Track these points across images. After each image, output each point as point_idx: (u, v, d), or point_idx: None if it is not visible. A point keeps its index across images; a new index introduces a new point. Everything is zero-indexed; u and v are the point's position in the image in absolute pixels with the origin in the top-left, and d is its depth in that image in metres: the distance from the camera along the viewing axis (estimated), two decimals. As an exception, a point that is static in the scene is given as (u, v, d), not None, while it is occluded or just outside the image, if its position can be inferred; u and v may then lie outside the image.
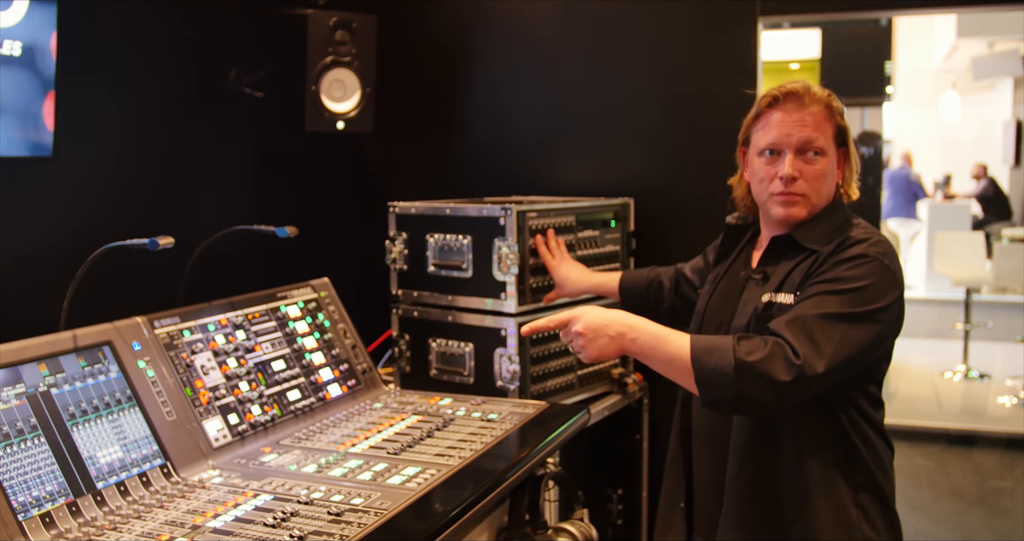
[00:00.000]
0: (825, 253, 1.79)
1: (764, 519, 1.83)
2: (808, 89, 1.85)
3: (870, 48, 7.60)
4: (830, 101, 1.85)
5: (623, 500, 2.89)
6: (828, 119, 1.84)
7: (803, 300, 1.74)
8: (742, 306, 1.89)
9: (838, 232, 1.82)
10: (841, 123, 1.86)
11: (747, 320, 1.84)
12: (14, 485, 1.49)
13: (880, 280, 1.73)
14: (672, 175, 2.87)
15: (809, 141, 1.82)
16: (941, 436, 5.70)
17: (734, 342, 1.67)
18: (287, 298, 2.25)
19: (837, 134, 1.86)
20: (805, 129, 1.82)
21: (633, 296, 2.41)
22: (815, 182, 1.84)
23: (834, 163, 1.87)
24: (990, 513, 4.55)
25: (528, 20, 3.06)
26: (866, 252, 1.74)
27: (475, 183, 3.00)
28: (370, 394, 2.28)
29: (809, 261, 1.81)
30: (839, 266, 1.74)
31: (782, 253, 1.88)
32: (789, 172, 1.82)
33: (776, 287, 1.83)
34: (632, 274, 2.46)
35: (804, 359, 1.62)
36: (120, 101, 2.49)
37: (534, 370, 2.44)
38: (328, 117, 2.77)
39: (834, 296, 1.70)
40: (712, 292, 2.03)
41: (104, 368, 1.75)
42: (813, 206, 1.86)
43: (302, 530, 1.47)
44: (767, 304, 1.82)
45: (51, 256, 2.20)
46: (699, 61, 2.86)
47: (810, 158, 1.83)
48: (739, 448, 1.86)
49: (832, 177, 1.87)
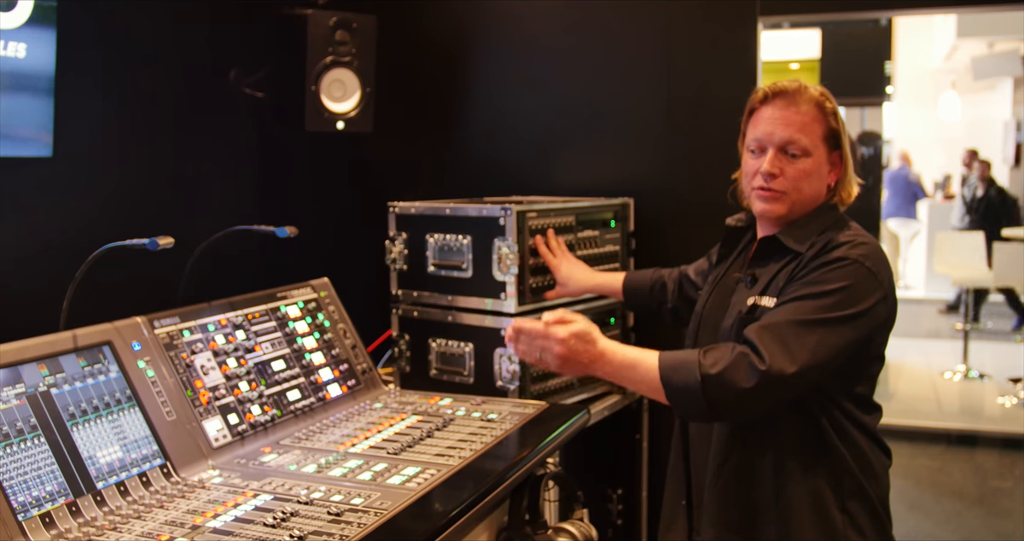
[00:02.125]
0: (808, 256, 1.78)
1: (740, 518, 1.83)
2: (801, 88, 1.85)
3: (870, 48, 7.60)
4: (822, 102, 1.84)
5: (623, 500, 2.89)
6: (817, 120, 1.83)
7: (781, 304, 1.74)
8: (731, 308, 1.90)
9: (824, 235, 1.82)
10: (833, 125, 1.84)
11: (732, 322, 1.85)
12: (14, 485, 1.49)
13: (859, 282, 1.72)
14: (672, 175, 2.87)
15: (791, 141, 1.83)
16: (941, 436, 5.70)
17: (699, 355, 1.69)
18: (287, 298, 2.25)
19: (828, 136, 1.84)
20: (789, 128, 1.83)
21: (637, 296, 2.41)
22: (796, 181, 1.84)
23: (822, 164, 1.85)
24: (990, 513, 4.55)
25: (528, 20, 3.06)
26: (846, 255, 1.74)
27: (475, 183, 3.00)
28: (370, 394, 2.28)
29: (793, 264, 1.81)
30: (818, 270, 1.74)
31: (769, 255, 1.88)
32: (767, 168, 1.84)
33: (762, 290, 1.83)
34: (636, 274, 2.46)
35: (770, 363, 1.64)
36: (120, 101, 2.49)
37: (534, 370, 2.44)
38: (328, 117, 2.77)
39: (811, 300, 1.71)
40: (710, 294, 2.03)
41: (104, 368, 1.75)
42: (793, 204, 1.86)
43: (302, 530, 1.47)
44: (751, 307, 1.82)
45: (51, 256, 2.20)
46: (699, 61, 2.86)
47: (792, 157, 1.84)
48: (719, 447, 1.87)
49: (818, 178, 1.86)
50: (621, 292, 2.44)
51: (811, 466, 1.78)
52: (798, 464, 1.78)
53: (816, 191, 1.87)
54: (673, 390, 1.70)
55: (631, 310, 2.68)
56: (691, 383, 1.67)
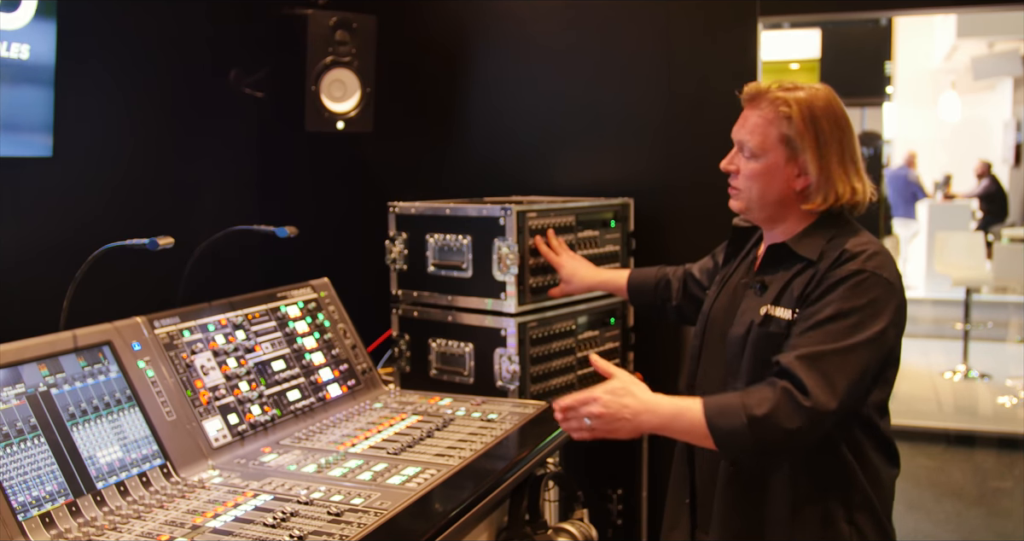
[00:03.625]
0: (822, 270, 1.76)
1: (749, 528, 1.83)
2: (761, 91, 1.84)
3: (870, 48, 7.61)
4: (780, 105, 1.80)
5: (623, 500, 2.89)
6: (772, 123, 1.80)
7: (808, 330, 1.72)
8: (740, 315, 1.88)
9: (832, 242, 1.80)
10: (786, 131, 1.79)
11: (745, 331, 1.83)
12: (14, 485, 1.49)
13: (880, 295, 1.72)
14: (672, 175, 2.87)
15: (741, 141, 1.85)
16: (941, 436, 5.70)
17: (743, 397, 1.68)
18: (287, 298, 2.25)
19: (785, 140, 1.80)
20: (742, 129, 1.85)
21: (641, 294, 2.40)
22: (746, 181, 1.85)
23: (777, 167, 1.81)
24: (990, 513, 4.55)
25: (528, 20, 3.06)
26: (862, 268, 1.73)
27: (475, 183, 3.00)
28: (370, 394, 2.28)
29: (806, 275, 1.78)
30: (838, 287, 1.72)
31: (779, 262, 1.86)
32: (722, 164, 1.89)
33: (774, 299, 1.82)
34: (640, 272, 2.45)
35: (814, 400, 1.64)
36: (120, 101, 2.49)
37: (534, 370, 2.44)
38: (328, 117, 2.77)
39: (840, 321, 1.69)
40: (717, 294, 2.02)
41: (104, 368, 1.75)
42: (749, 202, 1.87)
43: (302, 530, 1.47)
44: (765, 317, 1.81)
45: (51, 256, 2.20)
46: (699, 61, 2.86)
47: (744, 158, 1.85)
48: None
49: (772, 181, 1.83)
50: (625, 289, 2.43)
51: (824, 480, 1.78)
52: (811, 478, 1.77)
53: (775, 193, 1.84)
54: (721, 435, 1.69)
55: (636, 307, 2.67)
56: (738, 427, 1.66)
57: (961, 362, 7.26)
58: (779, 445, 1.68)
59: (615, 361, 2.72)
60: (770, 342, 1.77)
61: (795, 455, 1.77)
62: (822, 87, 1.85)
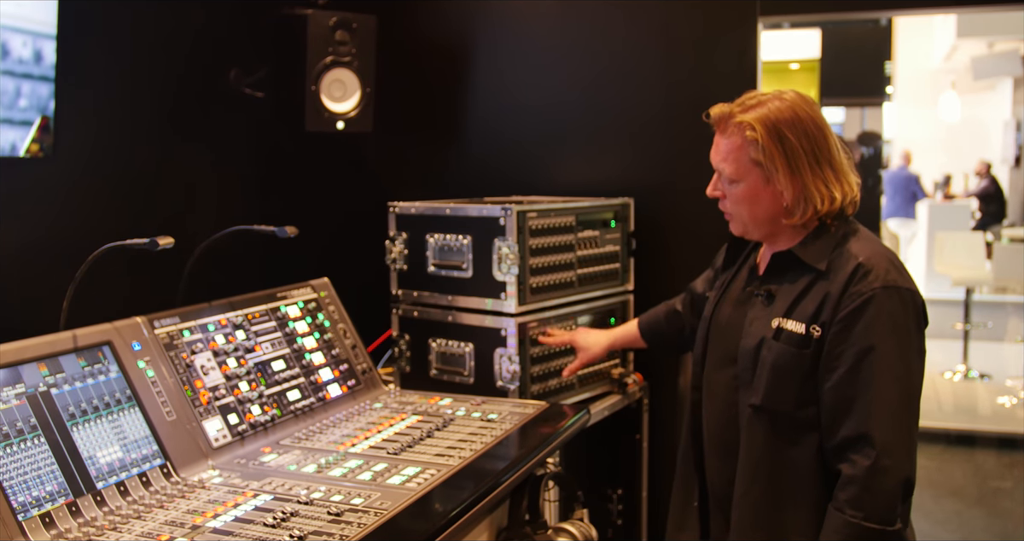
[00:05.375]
0: (837, 290, 1.73)
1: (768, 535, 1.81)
2: (725, 115, 1.83)
3: (870, 48, 7.62)
4: (747, 131, 1.78)
5: (623, 500, 2.89)
6: (741, 148, 1.80)
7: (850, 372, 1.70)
8: (748, 325, 1.86)
9: (837, 249, 1.79)
10: (756, 157, 1.78)
11: (756, 343, 1.81)
12: (14, 485, 1.49)
13: (904, 307, 1.72)
14: (672, 175, 2.87)
15: (719, 169, 1.86)
16: (941, 436, 5.69)
17: (842, 505, 1.67)
18: (287, 298, 2.25)
19: (756, 163, 1.79)
20: (716, 157, 1.87)
21: (656, 335, 2.41)
22: (734, 206, 1.87)
23: (758, 189, 1.81)
24: (990, 513, 4.55)
25: (528, 20, 3.06)
26: (884, 285, 1.71)
27: (475, 183, 3.00)
28: (370, 394, 2.28)
29: (820, 292, 1.76)
30: (862, 314, 1.70)
31: (784, 270, 1.84)
32: (708, 191, 1.91)
33: (785, 312, 1.79)
34: (648, 315, 2.44)
35: (894, 461, 1.66)
36: (120, 101, 2.48)
37: (534, 370, 2.44)
38: (328, 117, 2.77)
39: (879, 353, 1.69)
40: (719, 300, 2.00)
41: (104, 368, 1.75)
42: (745, 224, 1.88)
43: (302, 530, 1.47)
44: (776, 330, 1.79)
45: (51, 256, 2.20)
46: (699, 61, 2.86)
47: (727, 184, 1.86)
48: (748, 467, 1.82)
49: (760, 201, 1.82)
50: (639, 338, 2.44)
51: None
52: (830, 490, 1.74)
53: (764, 213, 1.84)
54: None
55: (658, 351, 2.61)
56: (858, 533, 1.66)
57: (961, 362, 7.26)
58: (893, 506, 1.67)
59: (615, 361, 2.72)
60: (783, 355, 1.77)
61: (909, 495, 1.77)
62: (788, 95, 1.81)
